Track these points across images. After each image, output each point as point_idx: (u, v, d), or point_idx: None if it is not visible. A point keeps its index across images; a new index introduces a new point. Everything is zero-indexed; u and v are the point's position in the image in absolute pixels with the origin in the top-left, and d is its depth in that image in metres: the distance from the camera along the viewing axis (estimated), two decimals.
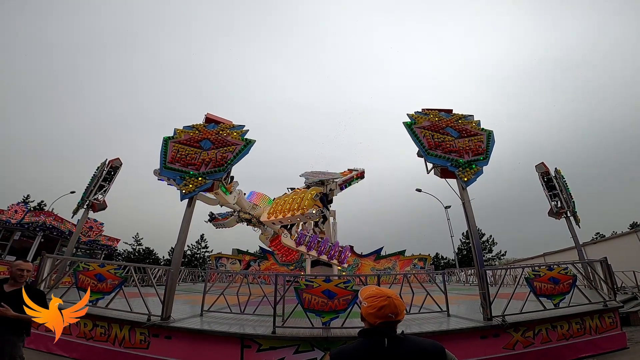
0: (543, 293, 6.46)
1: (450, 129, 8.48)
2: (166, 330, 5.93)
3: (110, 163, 11.89)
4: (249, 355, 5.48)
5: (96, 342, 6.22)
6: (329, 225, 20.00)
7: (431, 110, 9.10)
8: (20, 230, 16.76)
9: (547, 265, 6.91)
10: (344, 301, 5.71)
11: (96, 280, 6.25)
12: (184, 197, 7.19)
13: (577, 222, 12.57)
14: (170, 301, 6.41)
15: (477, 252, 6.98)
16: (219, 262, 27.27)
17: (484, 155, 7.98)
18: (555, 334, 6.31)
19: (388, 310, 1.55)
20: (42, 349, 6.41)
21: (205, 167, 7.49)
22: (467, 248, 49.19)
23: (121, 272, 6.46)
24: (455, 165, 7.75)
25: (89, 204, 11.11)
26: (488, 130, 8.44)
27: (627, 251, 18.46)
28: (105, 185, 11.57)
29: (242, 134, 8.11)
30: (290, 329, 5.83)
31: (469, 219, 7.31)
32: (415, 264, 26.99)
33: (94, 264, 6.55)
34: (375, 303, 1.58)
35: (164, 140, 7.81)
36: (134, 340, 6.03)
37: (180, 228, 7.05)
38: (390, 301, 1.57)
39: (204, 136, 7.95)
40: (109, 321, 6.26)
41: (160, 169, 7.58)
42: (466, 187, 7.57)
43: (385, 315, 1.55)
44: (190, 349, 5.72)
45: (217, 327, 6.02)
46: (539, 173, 13.58)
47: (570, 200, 12.70)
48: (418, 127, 8.47)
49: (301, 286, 5.83)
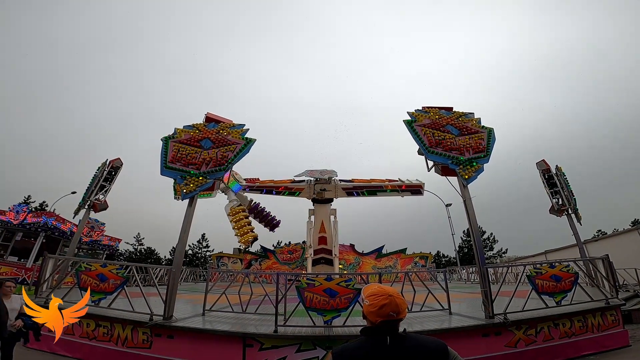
0: (545, 291, 6.44)
1: (451, 126, 8.47)
2: (168, 330, 5.95)
3: (111, 163, 11.88)
4: (251, 354, 5.49)
5: (99, 342, 6.24)
6: (330, 224, 20.02)
7: (431, 108, 9.09)
8: (22, 231, 16.78)
9: (549, 262, 6.90)
10: (346, 299, 5.71)
11: (98, 280, 6.26)
12: (185, 197, 7.19)
13: (578, 220, 12.53)
14: (172, 301, 6.43)
15: (478, 250, 6.97)
16: (221, 262, 27.26)
17: (485, 152, 7.98)
18: (558, 331, 6.30)
19: (389, 309, 1.54)
20: (45, 349, 6.42)
21: (206, 166, 7.49)
22: (469, 246, 49.14)
23: (123, 272, 6.47)
24: (456, 163, 7.75)
25: (90, 204, 11.10)
26: (489, 127, 8.43)
27: (628, 248, 18.43)
28: (106, 185, 11.55)
29: (242, 133, 8.11)
30: (292, 328, 5.84)
31: (470, 217, 7.30)
32: (416, 262, 26.91)
33: (96, 264, 6.57)
34: (377, 301, 1.57)
35: (164, 139, 7.81)
36: (137, 340, 6.04)
37: (181, 227, 7.06)
38: (391, 300, 1.56)
39: (205, 135, 7.95)
40: (111, 321, 6.28)
41: (160, 168, 7.58)
42: (467, 185, 7.57)
43: (387, 314, 1.54)
44: (192, 348, 5.74)
45: (219, 327, 6.04)
46: (539, 170, 13.54)
47: (572, 197, 12.65)
48: (418, 125, 8.46)
49: (303, 285, 5.84)
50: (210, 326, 6.11)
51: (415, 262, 26.97)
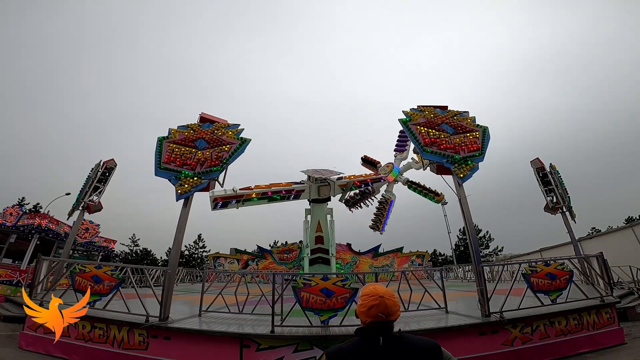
0: (540, 289, 6.47)
1: (446, 125, 8.49)
2: (165, 331, 5.91)
3: (105, 164, 11.79)
4: (248, 355, 5.47)
5: (95, 343, 6.19)
6: (326, 224, 19.99)
7: (426, 107, 9.12)
8: (15, 233, 16.59)
9: (544, 260, 6.93)
10: (342, 299, 5.71)
11: (93, 282, 6.21)
12: (179, 198, 7.15)
13: (572, 217, 12.64)
14: (168, 302, 6.39)
15: (474, 249, 7.01)
16: (217, 262, 27.18)
17: (480, 151, 8.01)
18: (554, 329, 6.33)
19: (377, 310, 1.55)
20: (41, 351, 6.38)
21: (200, 166, 7.45)
22: (465, 244, 49.35)
23: (118, 274, 6.42)
24: (451, 162, 7.77)
25: (84, 205, 11.01)
26: (483, 126, 8.47)
27: (623, 246, 18.56)
28: (100, 186, 11.46)
29: (237, 133, 8.08)
30: (289, 328, 5.83)
31: (465, 215, 7.33)
32: (413, 260, 27.03)
33: (90, 265, 6.52)
34: (367, 302, 1.59)
35: (158, 140, 7.76)
36: (133, 341, 6.00)
37: (176, 228, 7.02)
38: (381, 301, 1.56)
39: (199, 136, 7.90)
40: (107, 323, 6.23)
41: (155, 169, 7.53)
42: (462, 183, 7.59)
43: (375, 315, 1.55)
44: (189, 349, 5.71)
45: (215, 327, 6.01)
46: (534, 169, 13.65)
47: (566, 195, 12.77)
48: (413, 124, 8.47)
49: (299, 285, 5.83)
50: (207, 327, 6.08)
51: (412, 260, 27.08)
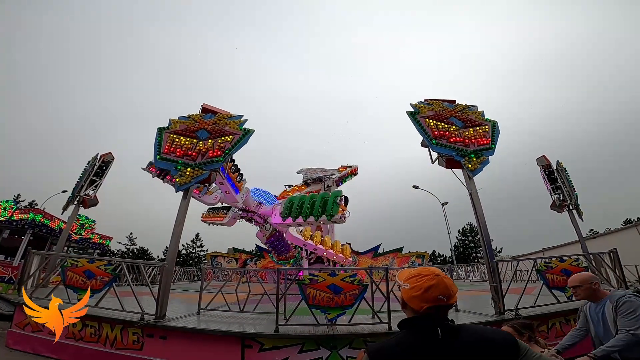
0: (556, 285, 6.23)
1: (455, 118, 8.24)
2: (161, 330, 5.56)
3: (102, 157, 11.45)
4: (250, 356, 5.13)
5: (86, 342, 5.82)
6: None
7: (434, 100, 8.86)
8: (8, 228, 16.22)
9: (559, 257, 6.69)
10: (351, 296, 5.39)
11: (85, 277, 5.86)
12: (179, 189, 6.82)
13: (579, 215, 12.42)
14: (165, 299, 6.03)
15: (486, 244, 6.73)
16: (215, 261, 26.84)
17: (490, 144, 7.77)
18: (569, 327, 5.98)
19: (437, 291, 1.22)
20: (29, 350, 6.03)
21: (201, 157, 7.13)
22: (464, 245, 49.38)
23: (111, 269, 6.05)
24: (461, 155, 7.51)
25: (80, 199, 10.64)
26: (492, 120, 8.26)
27: (627, 245, 18.40)
28: (96, 180, 11.10)
29: (240, 124, 7.77)
30: (293, 327, 5.47)
31: (476, 210, 7.05)
32: (413, 261, 26.83)
33: (82, 259, 6.15)
34: (420, 283, 1.26)
35: (158, 130, 7.43)
36: (127, 340, 5.64)
37: (175, 221, 6.67)
38: (439, 280, 1.25)
39: (201, 126, 7.58)
40: (99, 320, 5.85)
41: (154, 160, 7.20)
42: (473, 177, 7.34)
43: (435, 298, 1.22)
44: (187, 349, 5.36)
45: (215, 326, 5.66)
46: (540, 166, 13.41)
47: (573, 193, 12.53)
48: (422, 116, 8.20)
49: (305, 281, 5.50)
50: (206, 326, 5.72)
51: (412, 261, 26.88)
